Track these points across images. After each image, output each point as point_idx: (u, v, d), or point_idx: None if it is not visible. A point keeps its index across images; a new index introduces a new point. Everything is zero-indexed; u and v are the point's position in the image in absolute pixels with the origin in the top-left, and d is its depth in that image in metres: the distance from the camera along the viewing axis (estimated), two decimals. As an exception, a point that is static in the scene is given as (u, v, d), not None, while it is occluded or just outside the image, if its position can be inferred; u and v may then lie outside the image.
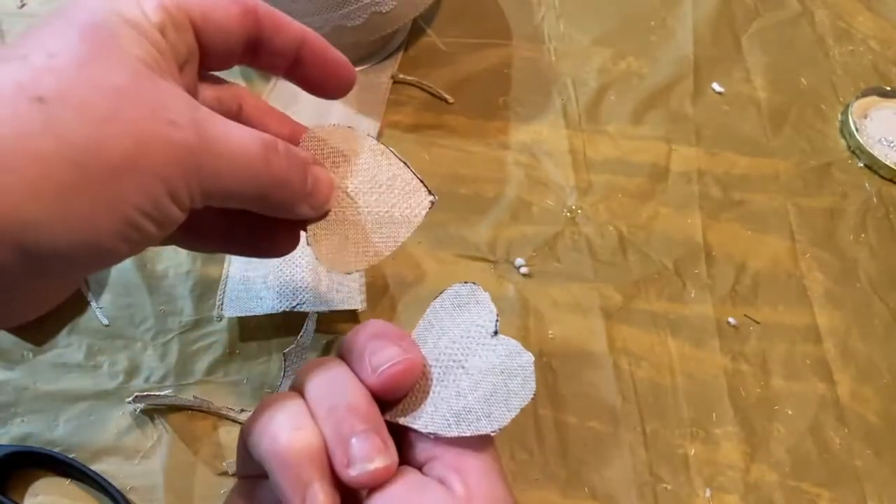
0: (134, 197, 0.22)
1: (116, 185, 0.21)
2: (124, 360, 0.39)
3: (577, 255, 0.45)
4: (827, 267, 0.46)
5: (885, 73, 0.56)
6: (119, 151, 0.21)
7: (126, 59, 0.22)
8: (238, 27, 0.27)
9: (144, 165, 0.22)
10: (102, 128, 0.21)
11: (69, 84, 0.21)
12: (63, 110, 0.21)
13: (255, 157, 0.25)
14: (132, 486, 0.36)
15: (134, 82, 0.22)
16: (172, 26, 0.25)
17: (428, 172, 0.48)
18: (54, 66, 0.21)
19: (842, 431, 0.41)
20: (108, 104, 0.21)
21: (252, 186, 0.25)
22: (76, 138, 0.20)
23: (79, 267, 0.22)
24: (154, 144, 0.22)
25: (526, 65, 0.54)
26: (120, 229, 0.22)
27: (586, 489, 0.38)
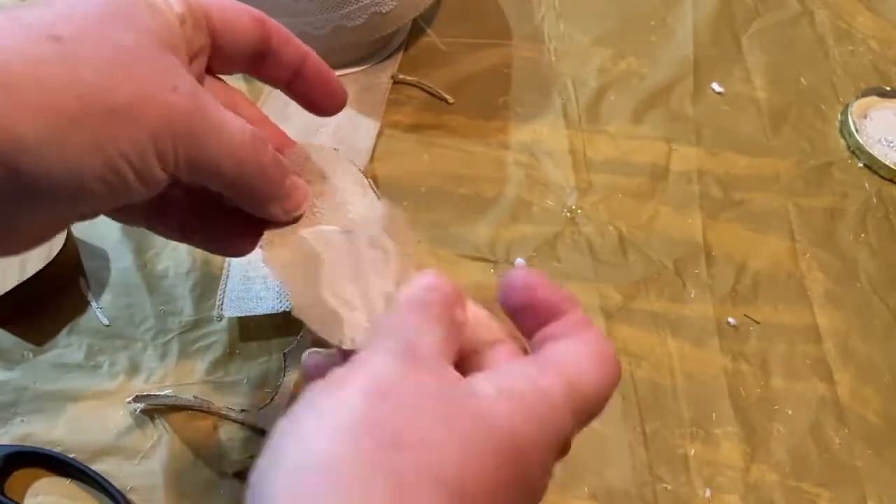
0: (123, 143, 0.23)
1: (110, 127, 0.22)
2: (124, 360, 0.39)
3: (577, 255, 0.45)
4: (827, 267, 0.46)
5: (885, 73, 0.56)
6: (121, 97, 0.23)
7: (142, 27, 0.24)
8: (249, 35, 0.29)
9: (140, 116, 0.23)
10: (109, 73, 0.23)
11: (85, 32, 0.23)
12: (76, 51, 0.22)
13: (244, 143, 0.26)
14: (132, 486, 0.36)
15: (145, 46, 0.24)
16: (191, 20, 0.27)
17: (428, 172, 0.48)
18: (74, 14, 0.23)
19: (842, 431, 0.41)
20: (118, 56, 0.23)
21: (235, 168, 0.26)
22: (84, 76, 0.22)
23: (59, 200, 0.23)
24: (153, 100, 0.23)
25: (526, 65, 0.54)
26: (102, 170, 0.23)
27: (586, 489, 0.38)
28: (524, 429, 0.22)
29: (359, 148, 0.48)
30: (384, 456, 0.20)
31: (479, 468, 0.20)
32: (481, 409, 0.22)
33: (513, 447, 0.22)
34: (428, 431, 0.21)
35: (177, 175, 0.25)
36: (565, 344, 0.26)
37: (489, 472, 0.21)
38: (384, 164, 0.48)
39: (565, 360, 0.25)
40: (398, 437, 0.20)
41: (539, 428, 0.23)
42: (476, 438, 0.21)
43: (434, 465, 0.20)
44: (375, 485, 0.19)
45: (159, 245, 0.43)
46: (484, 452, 0.21)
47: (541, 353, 0.26)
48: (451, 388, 0.23)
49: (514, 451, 0.22)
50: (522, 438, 0.22)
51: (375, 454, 0.20)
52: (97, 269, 0.42)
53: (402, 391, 0.22)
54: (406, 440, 0.20)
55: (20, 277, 0.39)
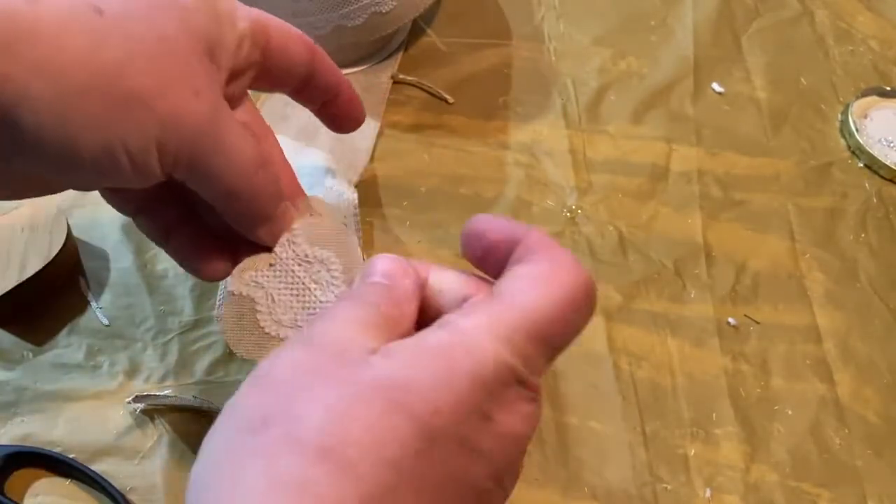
0: (126, 130, 0.23)
1: (117, 112, 0.23)
2: (124, 360, 0.39)
3: (577, 255, 0.45)
4: (827, 267, 0.46)
5: (885, 73, 0.56)
6: (136, 85, 0.23)
7: (190, 25, 0.24)
8: (301, 60, 0.30)
9: (151, 109, 0.23)
10: (135, 59, 0.23)
11: (130, 13, 0.23)
12: (111, 28, 0.23)
13: (248, 160, 0.26)
14: (132, 486, 0.36)
15: (183, 42, 0.24)
16: (251, 37, 0.27)
17: (428, 172, 0.48)
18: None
19: (842, 432, 0.41)
20: (153, 46, 0.23)
21: (233, 183, 0.26)
22: (106, 54, 0.22)
23: (50, 163, 0.23)
24: (170, 97, 0.23)
25: (526, 65, 0.54)
26: (96, 150, 0.23)
27: (586, 489, 0.38)
28: (411, 377, 0.20)
29: (359, 148, 0.48)
30: (252, 437, 0.20)
31: (348, 426, 0.19)
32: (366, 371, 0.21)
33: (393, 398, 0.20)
34: (291, 403, 0.20)
35: (174, 175, 0.25)
36: (512, 272, 0.24)
37: (362, 429, 0.19)
38: (384, 164, 0.48)
39: (508, 289, 0.23)
40: (266, 416, 0.20)
41: (435, 372, 0.21)
42: (343, 398, 0.20)
43: (298, 432, 0.20)
44: (245, 464, 0.20)
45: (159, 245, 0.43)
46: (351, 410, 0.20)
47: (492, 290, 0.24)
48: (330, 359, 0.22)
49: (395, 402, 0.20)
50: (408, 387, 0.20)
51: (245, 438, 0.20)
52: (97, 269, 0.42)
53: (276, 373, 0.22)
54: (271, 417, 0.20)
55: (20, 277, 0.39)
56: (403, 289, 0.25)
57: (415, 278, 0.25)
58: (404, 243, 0.45)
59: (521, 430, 0.22)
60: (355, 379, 0.21)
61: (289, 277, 0.29)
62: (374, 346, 0.22)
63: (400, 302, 0.25)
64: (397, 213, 0.46)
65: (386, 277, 0.25)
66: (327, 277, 0.29)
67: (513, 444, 0.22)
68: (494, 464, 0.21)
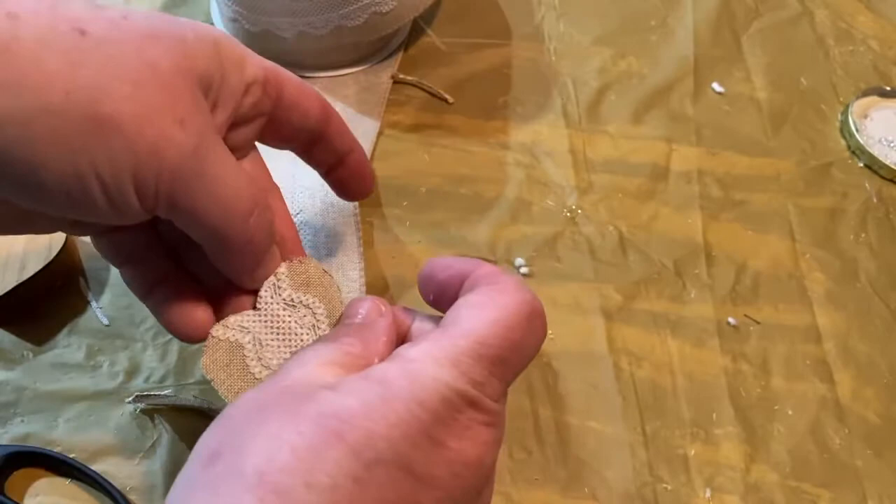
0: (99, 153, 0.22)
1: (90, 133, 0.21)
2: (124, 360, 0.39)
3: (577, 255, 0.45)
4: (827, 267, 0.46)
5: (885, 73, 0.56)
6: (113, 108, 0.21)
7: (184, 57, 0.23)
8: (312, 118, 0.29)
9: (127, 134, 0.22)
10: (113, 83, 0.22)
11: (117, 37, 0.22)
12: (92, 50, 0.21)
13: (239, 198, 0.25)
14: (132, 486, 0.36)
15: (172, 73, 0.23)
16: (261, 87, 0.26)
17: (428, 172, 0.48)
18: (118, 21, 0.22)
19: (842, 432, 0.41)
20: (136, 72, 0.22)
21: (220, 220, 0.25)
22: (85, 73, 0.21)
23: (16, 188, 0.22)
24: (148, 126, 0.22)
25: (526, 65, 0.54)
26: (65, 173, 0.22)
27: (586, 489, 0.38)
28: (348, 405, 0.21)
29: (359, 148, 0.48)
30: (204, 471, 0.21)
31: (283, 454, 0.20)
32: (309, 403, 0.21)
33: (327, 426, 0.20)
34: (238, 438, 0.21)
35: (156, 211, 0.24)
36: (457, 303, 0.24)
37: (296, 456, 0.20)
38: (384, 164, 0.48)
39: (452, 318, 0.23)
40: (215, 451, 0.21)
41: (372, 398, 0.21)
42: (283, 428, 0.20)
43: (240, 465, 0.20)
44: (195, 496, 0.20)
45: (159, 245, 0.43)
46: (288, 439, 0.20)
47: None
48: (282, 395, 0.22)
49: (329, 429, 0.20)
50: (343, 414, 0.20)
51: (198, 472, 0.21)
52: (97, 269, 0.42)
53: (234, 412, 0.22)
54: (219, 452, 0.21)
55: (20, 277, 0.39)
56: (376, 327, 0.26)
57: (390, 319, 0.26)
58: (404, 243, 0.45)
59: (477, 455, 0.22)
60: (299, 411, 0.21)
61: (275, 321, 0.29)
62: (331, 382, 0.22)
63: (369, 340, 0.25)
64: (397, 213, 0.46)
65: (362, 318, 0.26)
66: (312, 321, 0.29)
67: (469, 470, 0.22)
68: (448, 490, 0.21)
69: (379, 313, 0.26)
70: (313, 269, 0.30)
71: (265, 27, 0.48)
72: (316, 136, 0.30)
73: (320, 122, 0.30)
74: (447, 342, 0.22)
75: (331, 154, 0.31)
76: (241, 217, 0.25)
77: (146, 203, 0.23)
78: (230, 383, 0.28)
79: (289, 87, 0.28)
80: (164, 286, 0.29)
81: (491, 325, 0.23)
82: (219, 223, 0.25)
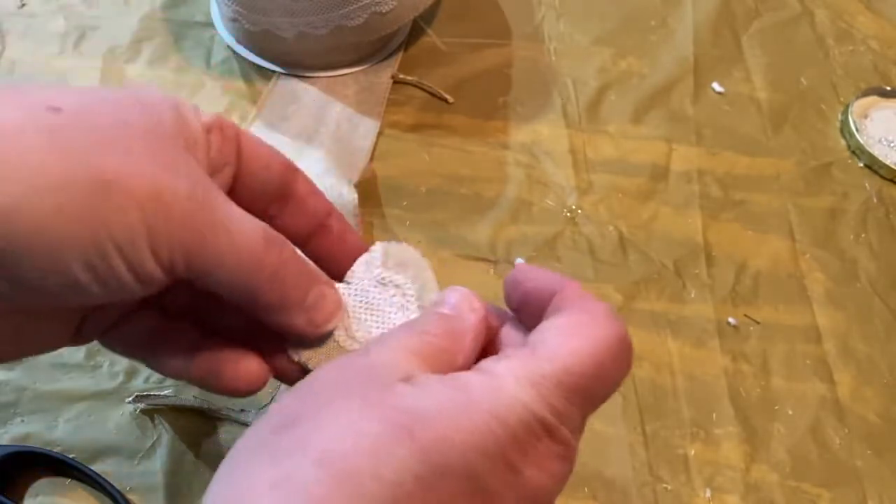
0: (112, 224, 0.21)
1: (97, 205, 0.21)
2: (124, 360, 0.39)
3: (577, 255, 0.45)
4: (827, 267, 0.46)
5: (885, 73, 0.56)
6: (109, 168, 0.21)
7: (157, 119, 0.23)
8: (274, 170, 0.28)
9: (129, 189, 0.21)
10: (103, 148, 0.21)
11: (90, 107, 0.22)
12: (73, 122, 0.21)
13: (252, 239, 0.24)
14: (132, 486, 0.36)
15: (153, 133, 0.23)
16: (220, 132, 0.26)
17: (428, 172, 0.48)
18: (86, 93, 0.23)
19: (842, 431, 0.41)
20: (120, 134, 0.22)
21: (241, 268, 0.24)
22: (72, 144, 0.21)
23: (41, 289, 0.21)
24: (148, 179, 0.22)
25: (526, 65, 0.54)
26: (88, 255, 0.21)
27: (586, 489, 0.38)
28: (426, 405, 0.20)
29: (358, 148, 0.48)
30: (273, 436, 0.21)
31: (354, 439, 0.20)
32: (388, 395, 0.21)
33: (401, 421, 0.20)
34: (312, 411, 0.21)
35: (175, 273, 0.23)
36: (546, 323, 0.24)
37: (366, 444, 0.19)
38: (384, 164, 0.48)
39: (540, 339, 0.23)
40: (288, 420, 0.21)
41: (451, 404, 0.20)
42: (359, 414, 0.20)
43: (309, 440, 0.20)
44: (258, 460, 0.20)
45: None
46: (361, 426, 0.20)
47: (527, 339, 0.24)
48: (363, 379, 0.22)
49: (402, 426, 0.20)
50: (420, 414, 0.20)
51: (267, 436, 0.21)
52: (97, 269, 0.42)
53: (313, 385, 0.22)
54: (293, 421, 0.21)
55: (20, 277, 0.39)
56: (465, 323, 0.25)
57: (481, 315, 0.25)
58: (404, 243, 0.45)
59: (546, 488, 0.21)
60: (375, 399, 0.21)
61: (364, 296, 0.29)
62: (411, 374, 0.22)
63: (456, 335, 0.24)
64: (397, 213, 0.46)
65: (451, 309, 0.25)
66: (402, 302, 0.29)
67: (535, 501, 0.21)
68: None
69: (470, 308, 0.25)
70: (410, 252, 0.30)
71: (265, 27, 0.48)
72: (284, 192, 0.28)
73: (285, 174, 0.28)
74: (534, 364, 0.22)
75: (303, 217, 0.29)
76: (257, 253, 0.24)
77: (163, 265, 0.23)
78: (322, 353, 0.28)
79: (245, 136, 0.27)
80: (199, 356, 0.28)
81: (580, 356, 0.22)
82: (234, 265, 0.24)
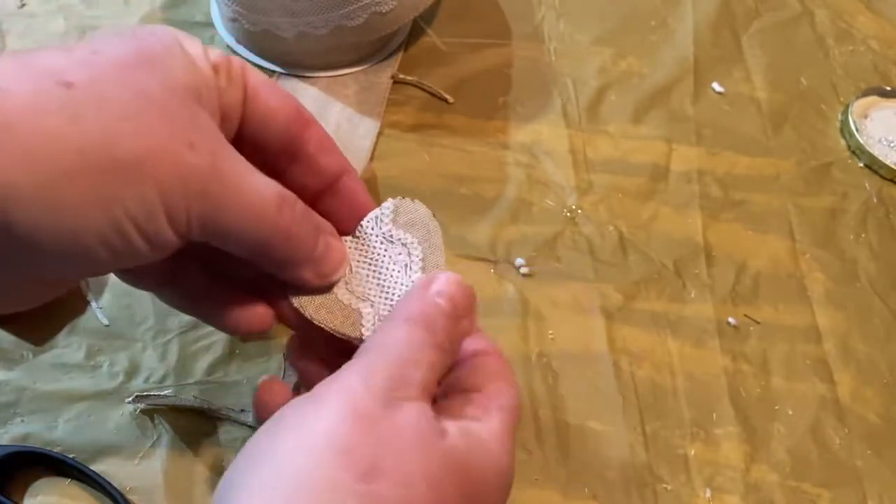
0: (128, 201, 0.21)
1: (115, 184, 0.21)
2: (124, 360, 0.39)
3: (577, 255, 0.45)
4: (827, 267, 0.46)
5: (886, 73, 0.56)
6: (127, 151, 0.21)
7: (168, 75, 0.23)
8: (282, 115, 0.27)
9: (149, 173, 0.21)
10: (118, 125, 0.21)
11: (102, 78, 0.21)
12: (86, 99, 0.21)
13: (266, 203, 0.24)
14: (132, 486, 0.36)
15: (166, 96, 0.22)
16: (226, 73, 0.25)
17: (428, 172, 0.48)
18: (93, 60, 0.22)
19: (842, 431, 0.41)
20: (133, 106, 0.22)
21: (256, 231, 0.24)
22: (88, 127, 0.21)
23: (53, 260, 0.22)
24: (165, 156, 0.22)
25: (526, 65, 0.54)
26: (104, 231, 0.21)
27: (586, 489, 0.38)
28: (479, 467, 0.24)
29: (359, 148, 0.48)
30: (358, 484, 0.20)
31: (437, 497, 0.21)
32: (447, 449, 0.23)
33: (469, 484, 0.23)
34: (402, 465, 0.21)
35: (190, 237, 0.23)
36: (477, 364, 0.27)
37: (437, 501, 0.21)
38: (384, 164, 0.48)
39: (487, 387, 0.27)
40: (374, 466, 0.21)
41: (489, 464, 0.24)
42: (443, 477, 0.22)
43: (404, 498, 0.20)
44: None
45: (159, 245, 0.43)
46: (447, 491, 0.22)
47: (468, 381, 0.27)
48: (426, 426, 0.23)
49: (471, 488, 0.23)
50: (477, 476, 0.23)
51: (350, 481, 0.20)
52: (97, 269, 0.42)
53: (380, 422, 0.22)
54: (381, 471, 0.21)
55: (20, 277, 0.39)
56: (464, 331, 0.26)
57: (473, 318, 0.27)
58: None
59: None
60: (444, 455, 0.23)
61: (369, 252, 0.28)
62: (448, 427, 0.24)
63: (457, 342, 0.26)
64: (397, 213, 0.46)
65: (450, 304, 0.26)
66: (406, 261, 0.29)
67: None
68: None
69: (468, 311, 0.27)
70: (421, 212, 0.29)
71: (265, 27, 0.48)
72: (291, 147, 0.27)
73: (291, 127, 0.27)
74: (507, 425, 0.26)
75: (316, 176, 0.28)
76: (272, 215, 0.24)
77: (180, 232, 0.23)
78: (318, 302, 0.28)
79: (253, 78, 0.26)
80: (209, 294, 0.28)
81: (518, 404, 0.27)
82: (253, 229, 0.24)
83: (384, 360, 0.24)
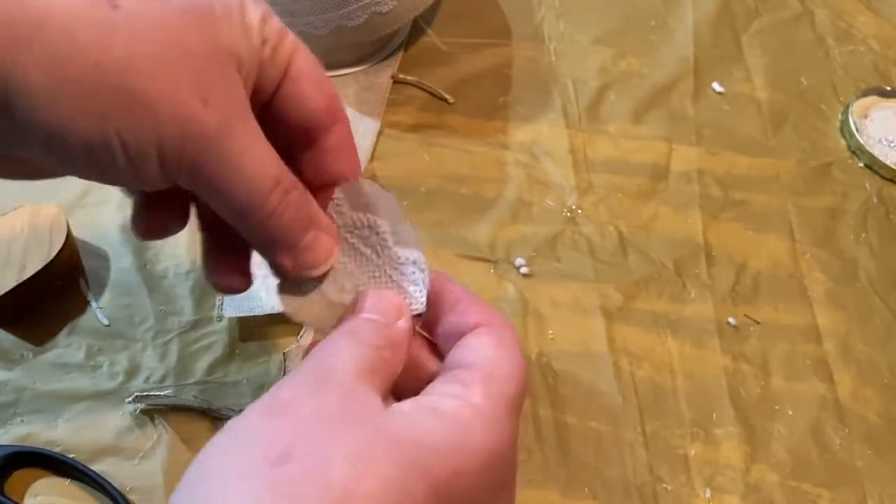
0: (125, 123, 0.22)
1: (117, 105, 0.22)
2: (124, 360, 0.39)
3: (577, 255, 0.45)
4: (827, 267, 0.46)
5: (886, 73, 0.56)
6: (139, 83, 0.22)
7: (213, 34, 0.23)
8: (313, 108, 0.27)
9: (153, 108, 0.22)
10: (142, 60, 0.22)
11: (148, 12, 0.22)
12: (123, 24, 0.22)
13: (260, 177, 0.25)
14: (132, 486, 0.36)
15: (202, 51, 0.23)
16: (273, 49, 0.25)
17: (428, 172, 0.48)
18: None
19: (842, 431, 0.41)
20: (165, 50, 0.22)
21: (240, 200, 0.25)
22: (114, 48, 0.22)
23: (45, 149, 0.23)
24: (173, 102, 0.22)
25: (526, 65, 0.54)
26: (91, 142, 0.22)
27: (586, 489, 0.38)
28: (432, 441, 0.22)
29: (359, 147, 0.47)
30: (271, 469, 0.20)
31: (370, 475, 0.21)
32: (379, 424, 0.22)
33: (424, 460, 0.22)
34: (316, 445, 0.21)
35: (178, 181, 0.24)
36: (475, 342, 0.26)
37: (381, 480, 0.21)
38: (384, 164, 0.48)
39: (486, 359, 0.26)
40: (287, 449, 0.21)
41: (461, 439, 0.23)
42: (372, 453, 0.21)
43: (324, 475, 0.20)
44: (264, 494, 0.20)
45: (159, 245, 0.43)
46: (381, 468, 0.21)
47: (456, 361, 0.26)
48: (352, 406, 0.23)
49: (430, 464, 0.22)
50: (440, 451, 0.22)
51: (263, 468, 0.20)
52: (97, 269, 0.42)
53: (298, 409, 0.22)
54: (293, 453, 0.21)
55: (20, 277, 0.39)
56: (399, 332, 0.26)
57: (409, 322, 0.27)
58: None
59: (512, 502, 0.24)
60: (375, 430, 0.22)
61: (342, 245, 0.28)
62: (381, 393, 0.23)
63: (395, 346, 0.26)
64: (397, 213, 0.46)
65: (383, 317, 0.26)
66: (378, 241, 0.29)
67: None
68: None
69: (399, 315, 0.27)
70: (369, 188, 0.29)
71: (265, 27, 0.48)
72: (312, 134, 0.27)
73: (321, 114, 0.27)
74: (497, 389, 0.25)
75: (325, 172, 0.28)
76: (263, 193, 0.25)
77: (167, 172, 0.24)
78: (305, 307, 0.28)
79: (299, 61, 0.26)
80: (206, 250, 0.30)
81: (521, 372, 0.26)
82: (239, 199, 0.25)
83: (306, 363, 0.25)
